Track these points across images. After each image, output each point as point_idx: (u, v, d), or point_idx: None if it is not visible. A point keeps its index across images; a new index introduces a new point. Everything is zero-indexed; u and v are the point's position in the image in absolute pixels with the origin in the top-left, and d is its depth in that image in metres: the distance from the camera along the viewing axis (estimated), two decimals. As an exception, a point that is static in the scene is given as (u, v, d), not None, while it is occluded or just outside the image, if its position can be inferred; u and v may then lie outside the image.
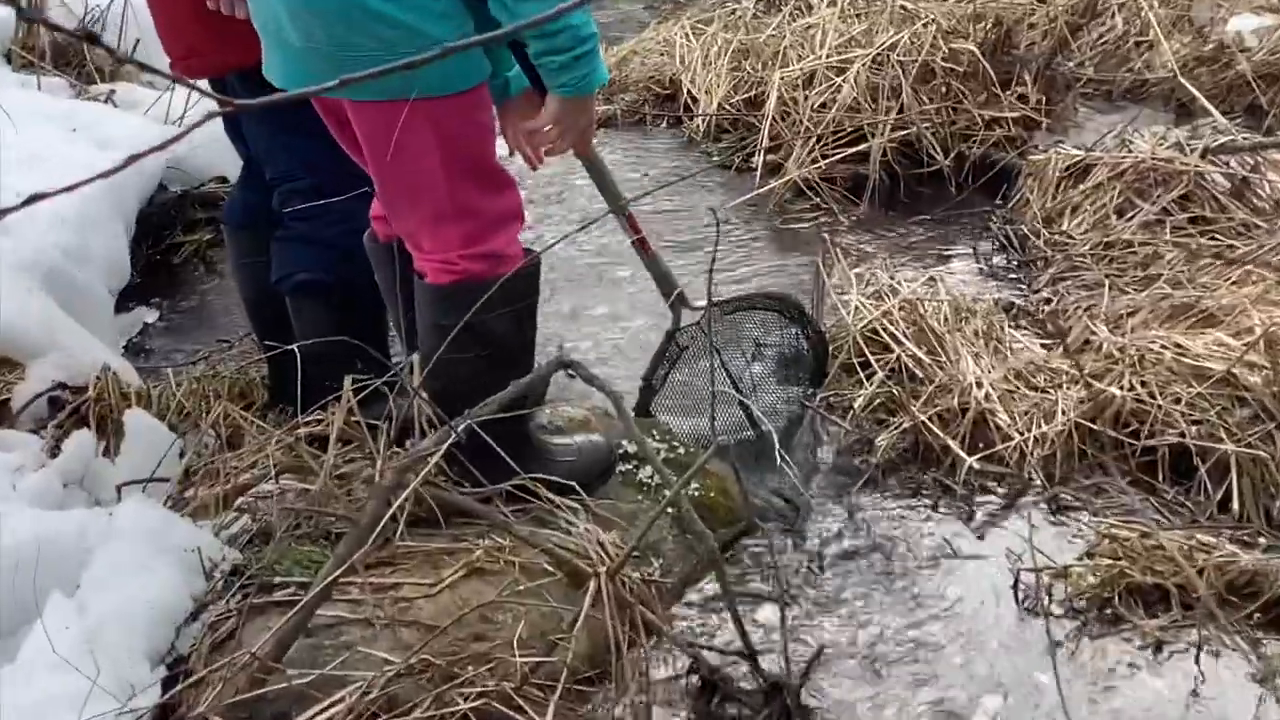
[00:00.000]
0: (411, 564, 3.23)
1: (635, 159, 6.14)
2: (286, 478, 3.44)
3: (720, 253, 3.84)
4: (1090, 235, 4.97)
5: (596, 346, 4.59)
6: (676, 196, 5.62)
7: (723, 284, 4.59)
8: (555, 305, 4.84)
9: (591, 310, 4.86)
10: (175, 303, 5.11)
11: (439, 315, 3.28)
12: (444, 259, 3.25)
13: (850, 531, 3.72)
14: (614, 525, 3.44)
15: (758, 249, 5.30)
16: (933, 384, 4.08)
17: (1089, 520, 3.71)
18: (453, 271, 3.25)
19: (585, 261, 5.16)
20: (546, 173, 5.90)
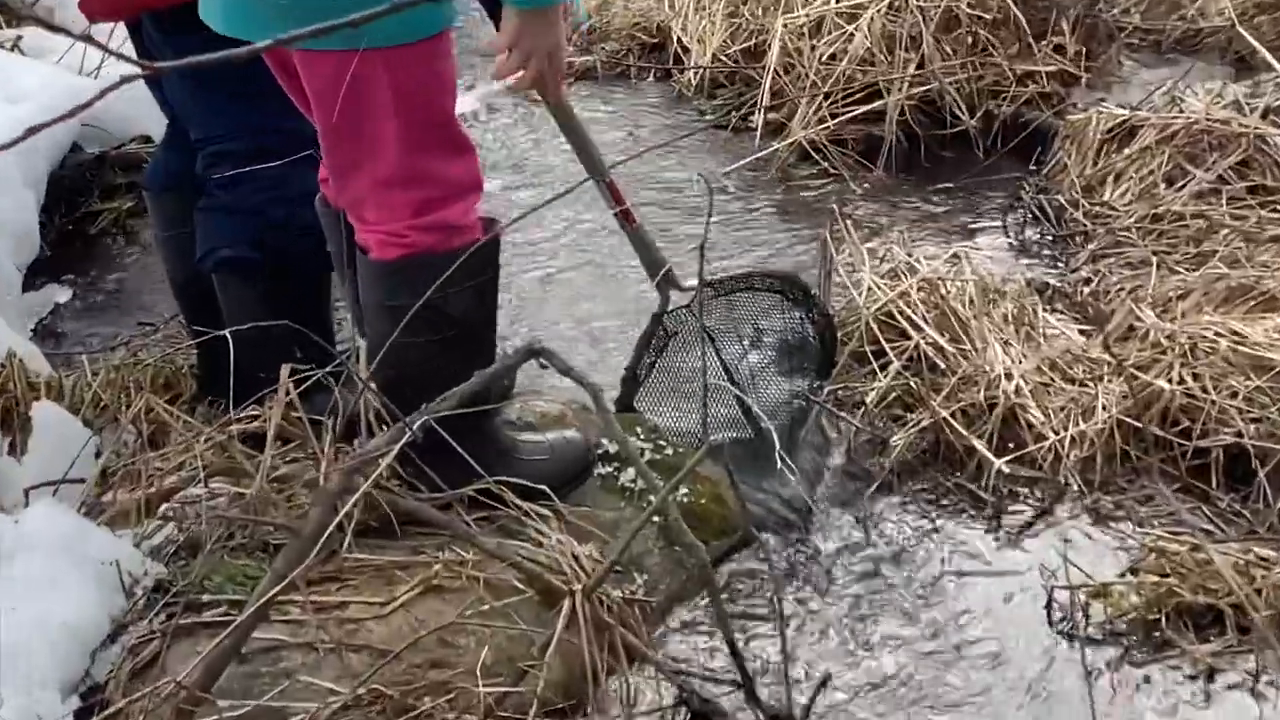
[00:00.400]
0: (360, 580, 3.22)
1: (618, 117, 6.13)
2: (217, 481, 3.43)
3: (714, 225, 3.84)
4: (1135, 206, 4.97)
5: (573, 332, 4.59)
6: (665, 161, 5.61)
7: (716, 261, 4.60)
8: (525, 285, 4.83)
9: (567, 291, 4.85)
10: (91, 280, 5.10)
11: (386, 295, 3.28)
12: (390, 230, 3.24)
13: (861, 544, 3.72)
14: (592, 536, 3.44)
15: (757, 221, 5.29)
16: (956, 375, 4.07)
17: (1132, 531, 3.71)
18: (401, 244, 3.24)
19: (560, 236, 5.15)
20: (515, 133, 5.91)
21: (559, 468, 3.59)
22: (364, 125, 3.13)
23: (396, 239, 3.24)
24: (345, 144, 3.19)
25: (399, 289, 3.22)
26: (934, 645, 3.40)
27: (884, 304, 4.32)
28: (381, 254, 3.26)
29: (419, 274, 3.17)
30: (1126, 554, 3.64)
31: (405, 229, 3.24)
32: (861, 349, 4.27)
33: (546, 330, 4.56)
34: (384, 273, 3.28)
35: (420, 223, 3.24)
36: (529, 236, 5.02)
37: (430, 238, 3.24)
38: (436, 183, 3.24)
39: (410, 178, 3.20)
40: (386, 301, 3.26)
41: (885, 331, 4.27)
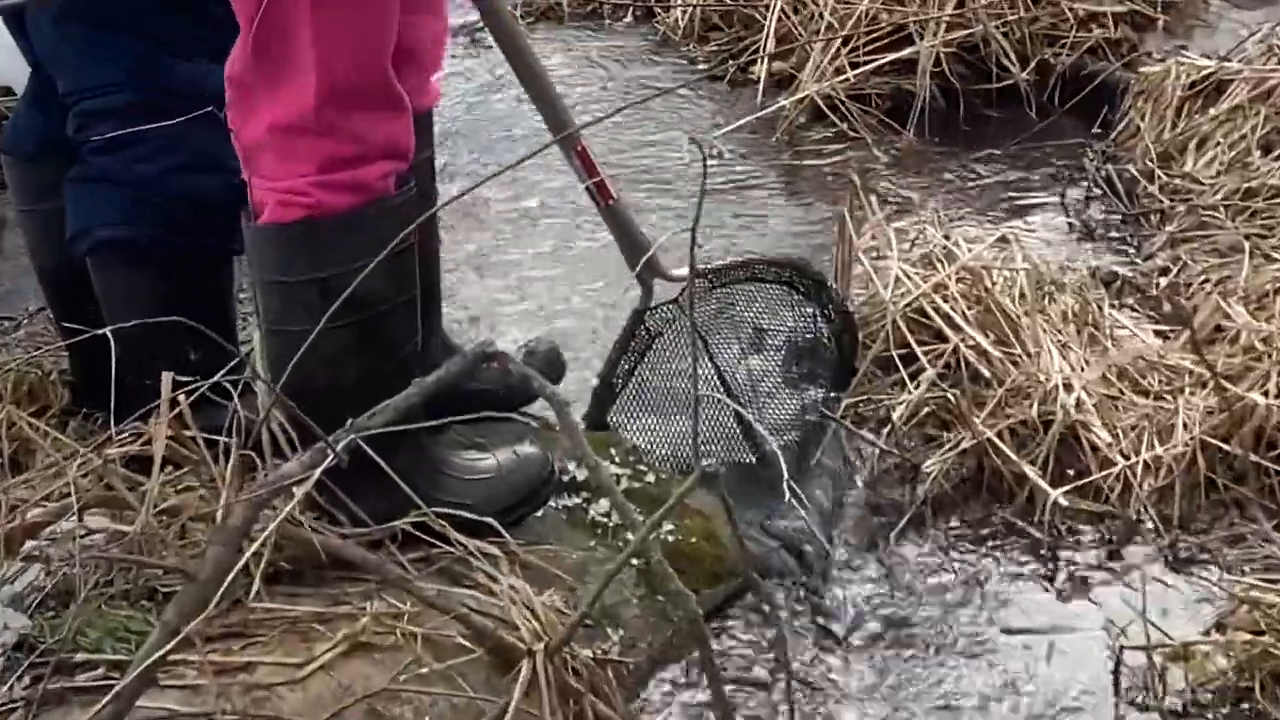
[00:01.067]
0: (270, 636, 3.21)
1: (589, 67, 6.14)
2: (94, 514, 3.42)
3: (708, 200, 3.84)
4: (1224, 180, 4.98)
5: (535, 331, 4.56)
6: (647, 121, 5.61)
7: (710, 245, 4.59)
8: (478, 275, 4.83)
9: (527, 282, 4.85)
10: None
11: (280, 268, 3.29)
12: (291, 187, 3.24)
13: (887, 594, 3.73)
14: (556, 582, 3.44)
15: (760, 195, 5.31)
16: (1003, 387, 4.09)
17: (1220, 579, 3.73)
18: (301, 204, 3.25)
19: (520, 215, 5.15)
20: (465, 87, 5.90)
21: (510, 490, 3.60)
22: (274, 48, 3.15)
23: (297, 198, 3.25)
24: (255, 68, 3.21)
25: (295, 259, 3.25)
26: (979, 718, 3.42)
27: (915, 298, 4.33)
28: (275, 215, 3.27)
29: (322, 240, 3.22)
30: (1212, 607, 3.65)
31: (309, 185, 3.24)
32: (887, 353, 4.28)
33: (501, 329, 4.56)
34: (278, 238, 3.28)
35: (328, 178, 3.24)
36: (479, 214, 5.02)
37: (338, 198, 3.25)
38: (355, 140, 3.25)
39: (322, 128, 3.21)
40: (280, 277, 3.28)
41: (917, 332, 4.29)
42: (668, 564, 3.31)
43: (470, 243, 4.97)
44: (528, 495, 3.63)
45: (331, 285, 3.18)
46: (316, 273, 3.15)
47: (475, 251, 4.95)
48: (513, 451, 3.69)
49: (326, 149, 3.23)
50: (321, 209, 3.24)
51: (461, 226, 4.97)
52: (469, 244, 4.97)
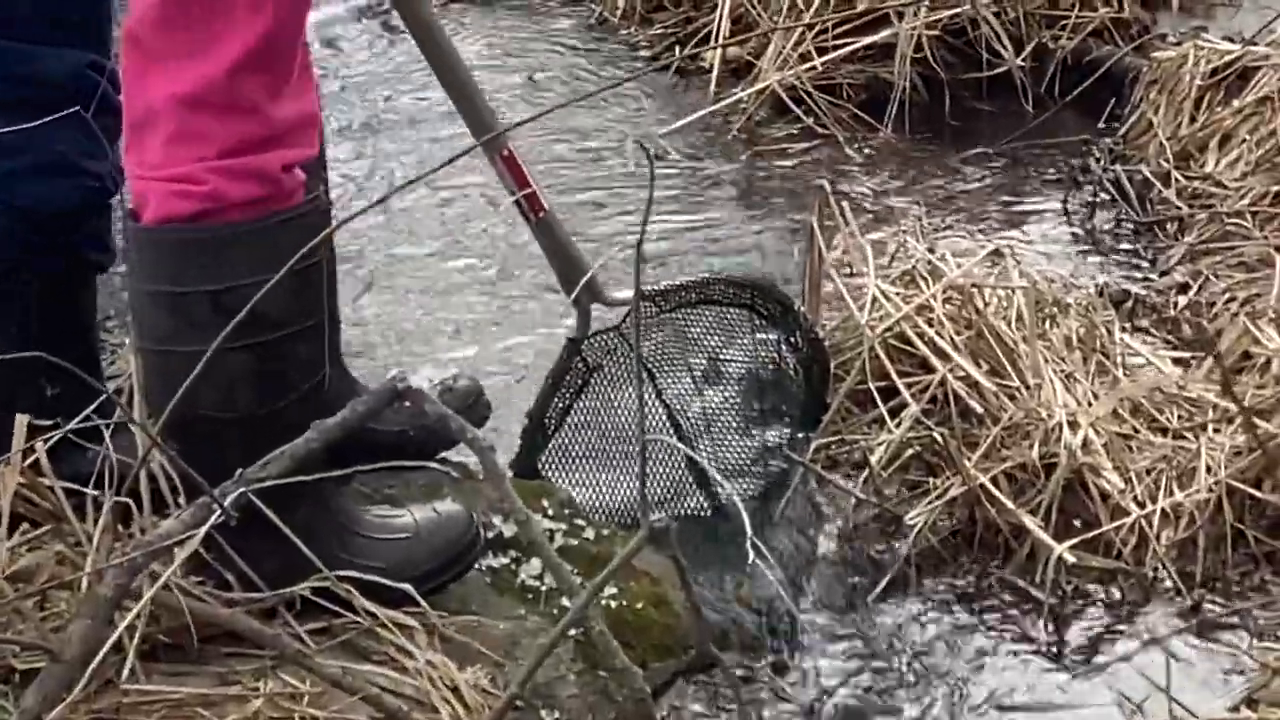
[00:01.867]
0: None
1: (518, 56, 6.15)
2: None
3: (656, 212, 3.86)
4: (1251, 181, 5.02)
5: (455, 366, 4.57)
6: (583, 119, 5.62)
7: (657, 262, 4.60)
8: (387, 296, 4.84)
9: (447, 306, 4.86)
10: None
11: (168, 276, 3.28)
12: (185, 174, 3.23)
13: (864, 667, 3.74)
14: (481, 658, 3.44)
15: (715, 203, 5.32)
16: (999, 425, 4.11)
17: (1249, 646, 3.74)
18: (197, 195, 3.22)
19: (439, 228, 5.15)
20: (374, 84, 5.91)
21: (427, 554, 3.58)
22: (194, 7, 3.16)
23: (191, 186, 3.23)
24: (164, 25, 3.21)
25: (187, 266, 3.24)
26: (971, 813, 3.44)
27: (896, 322, 4.34)
28: (165, 210, 3.26)
29: (220, 246, 3.22)
30: (1242, 678, 3.66)
31: (205, 171, 3.22)
32: (864, 386, 4.29)
33: (415, 363, 4.56)
34: (169, 240, 3.27)
35: (227, 165, 3.22)
36: (393, 225, 5.03)
37: (239, 188, 3.24)
38: (262, 119, 3.25)
39: (231, 102, 3.21)
40: (165, 286, 3.27)
41: (898, 361, 4.30)
42: (611, 635, 3.33)
43: (377, 261, 4.97)
44: (449, 560, 3.58)
45: (225, 301, 3.18)
46: (211, 284, 3.15)
47: (383, 270, 4.94)
48: (432, 509, 3.66)
49: (233, 128, 3.21)
50: (219, 199, 3.22)
51: (370, 241, 4.97)
52: (375, 261, 4.97)
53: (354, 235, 4.80)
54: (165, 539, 3.07)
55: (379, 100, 5.85)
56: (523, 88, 5.86)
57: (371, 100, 5.83)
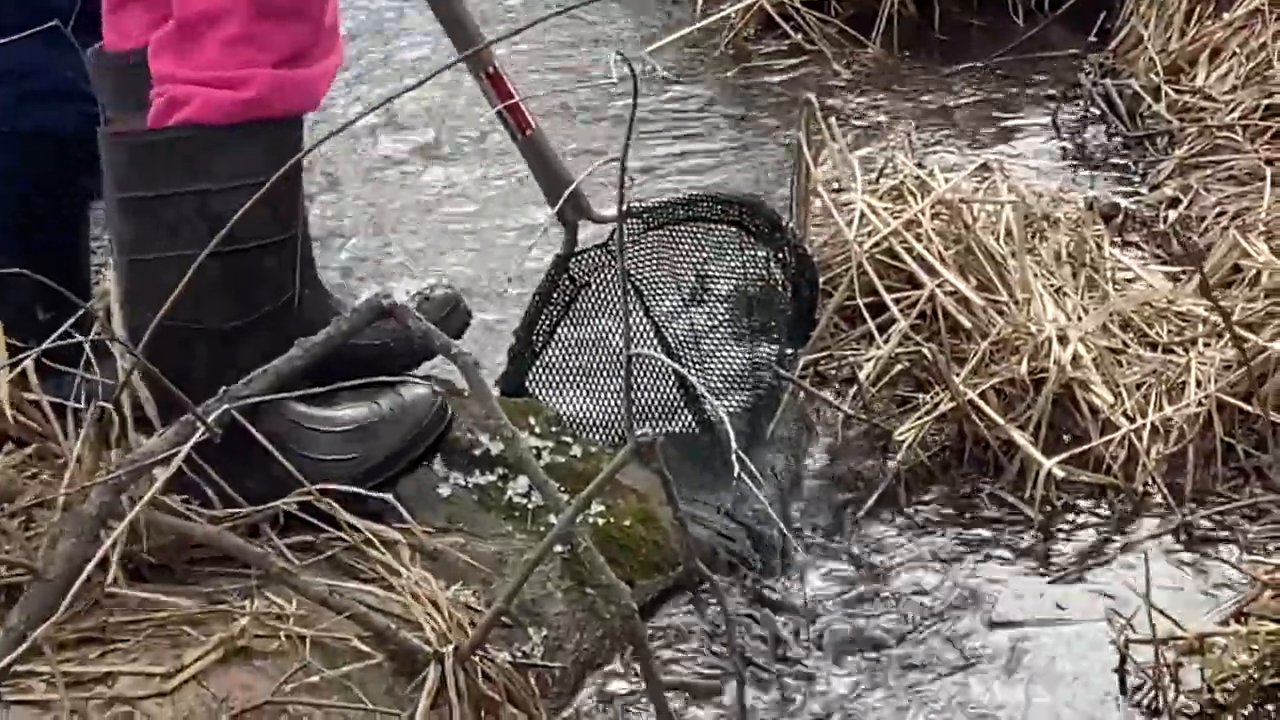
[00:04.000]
0: (134, 641, 3.20)
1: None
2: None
3: (642, 128, 3.83)
4: (1241, 96, 5.01)
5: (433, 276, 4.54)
6: (566, 33, 5.59)
7: (645, 180, 4.58)
8: (374, 215, 4.82)
9: (433, 225, 4.84)
10: None
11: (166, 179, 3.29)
12: (238, 79, 3.24)
13: (854, 584, 3.74)
14: (468, 574, 3.44)
15: (701, 119, 5.31)
16: (988, 340, 4.10)
17: (1239, 559, 3.74)
18: (240, 100, 3.25)
19: (420, 141, 5.13)
20: None
21: (397, 437, 3.58)
22: None
23: (239, 93, 3.25)
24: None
25: (181, 167, 3.26)
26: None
27: (884, 237, 4.33)
28: (205, 112, 3.25)
29: (236, 148, 3.25)
30: (1231, 592, 3.66)
31: (260, 77, 3.25)
32: (853, 302, 4.28)
33: (401, 281, 4.53)
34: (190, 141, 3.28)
35: (281, 75, 3.26)
36: (380, 145, 5.01)
37: (281, 100, 3.28)
38: (315, 26, 3.30)
39: (296, 7, 3.26)
40: (148, 191, 3.29)
41: (886, 277, 4.30)
42: (598, 552, 3.31)
43: (360, 179, 4.95)
44: (417, 436, 3.58)
45: (212, 205, 3.19)
46: (201, 186, 3.21)
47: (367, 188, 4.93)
48: (396, 393, 3.65)
49: (293, 33, 3.26)
50: (264, 108, 3.26)
51: (350, 161, 4.95)
52: (359, 180, 4.95)
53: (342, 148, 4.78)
54: (149, 457, 3.06)
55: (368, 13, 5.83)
56: (509, 5, 5.84)
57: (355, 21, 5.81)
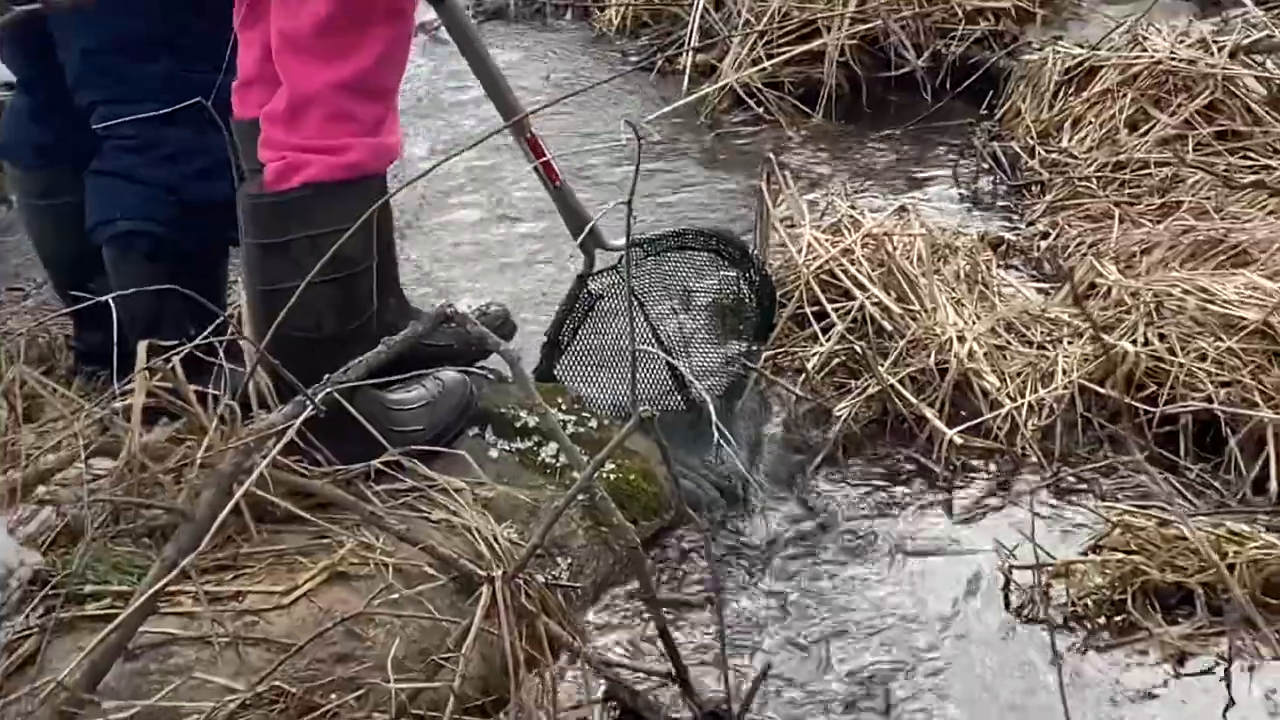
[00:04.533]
0: (258, 568, 3.20)
1: (534, 60, 6.12)
2: (100, 460, 3.39)
3: (642, 178, 3.83)
4: (1096, 154, 5.01)
5: (488, 295, 4.54)
6: (586, 108, 5.59)
7: (645, 217, 4.58)
8: (435, 243, 4.81)
9: (483, 251, 4.83)
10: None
11: (324, 221, 3.31)
12: (339, 146, 3.29)
13: (804, 523, 3.74)
14: (511, 516, 3.44)
15: (687, 172, 5.30)
16: (904, 339, 4.11)
17: (1096, 505, 3.74)
18: (342, 164, 3.29)
19: (475, 190, 5.12)
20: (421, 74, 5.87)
21: (447, 411, 3.68)
22: (348, 15, 3.22)
23: (339, 158, 3.29)
24: (324, 31, 3.24)
25: (302, 217, 3.31)
26: (884, 633, 3.42)
27: (825, 261, 4.33)
28: (323, 173, 3.29)
29: (336, 203, 3.28)
30: (1089, 530, 3.66)
31: (354, 142, 3.30)
32: (802, 310, 4.28)
33: (458, 294, 4.53)
34: (303, 199, 3.32)
35: (372, 142, 3.31)
36: (439, 187, 5.01)
37: (374, 161, 3.34)
38: (389, 101, 3.36)
39: (374, 88, 3.30)
40: (280, 238, 3.34)
41: (827, 291, 4.29)
42: (610, 500, 3.33)
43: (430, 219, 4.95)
44: (460, 410, 3.69)
45: (320, 245, 3.21)
46: (308, 229, 3.29)
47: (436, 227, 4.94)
48: (437, 379, 3.73)
49: (374, 109, 3.31)
50: (361, 169, 3.31)
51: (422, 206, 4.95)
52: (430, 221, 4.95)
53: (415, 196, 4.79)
54: (269, 428, 3.07)
55: (430, 91, 5.82)
56: (539, 85, 5.83)
57: (425, 91, 5.80)
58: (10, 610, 3.10)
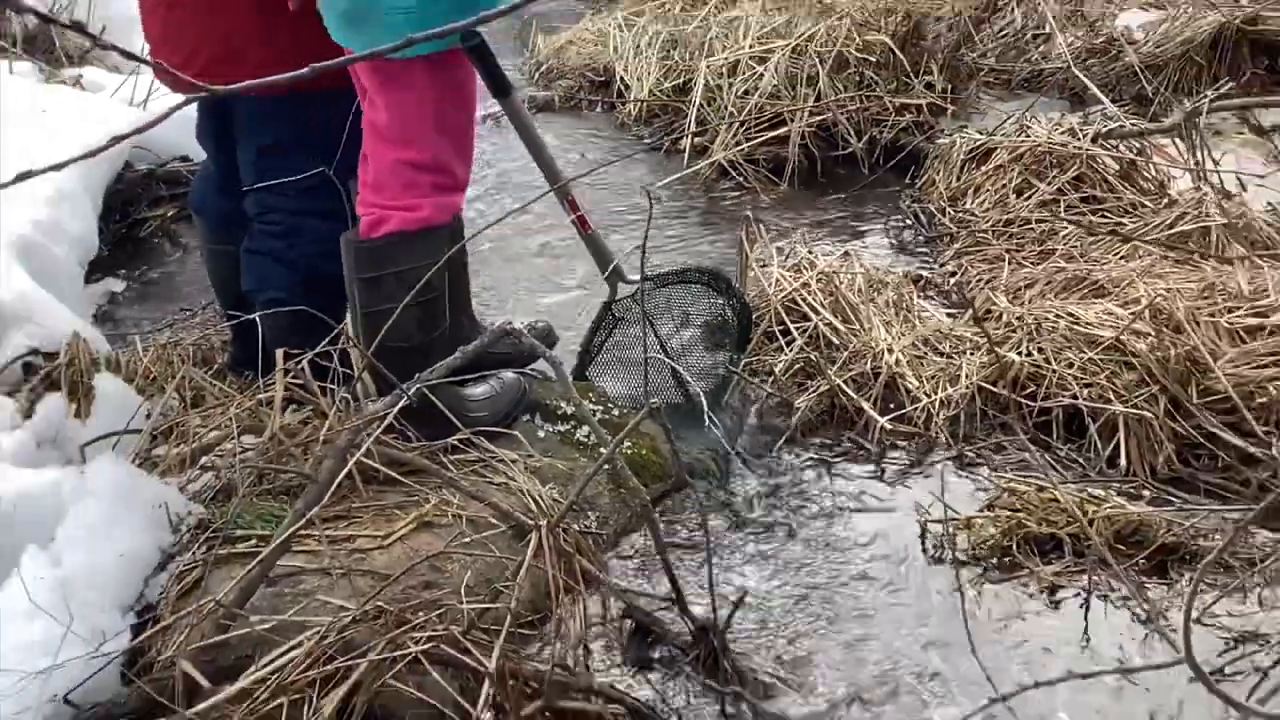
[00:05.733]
0: (365, 518, 3.21)
1: (572, 142, 6.11)
2: (247, 437, 3.41)
3: (652, 229, 3.84)
4: (991, 213, 5.00)
5: (539, 315, 4.54)
6: (611, 176, 5.59)
7: (655, 258, 4.59)
8: (500, 276, 4.82)
9: (535, 283, 4.84)
10: (140, 274, 5.05)
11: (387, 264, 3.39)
12: (412, 204, 3.34)
13: (772, 487, 3.74)
14: (553, 480, 3.45)
15: (686, 225, 5.29)
16: (847, 350, 4.10)
17: (990, 475, 3.74)
18: (416, 219, 3.35)
19: (528, 237, 5.13)
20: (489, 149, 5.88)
21: (506, 403, 3.69)
22: (404, 120, 3.29)
23: (407, 210, 3.35)
24: (398, 127, 3.31)
25: (389, 258, 3.36)
26: (831, 568, 3.42)
27: (789, 292, 4.32)
28: (400, 225, 3.35)
29: (413, 247, 3.34)
30: (985, 494, 3.66)
31: (423, 202, 3.35)
32: (771, 329, 4.27)
33: (517, 313, 4.53)
34: (388, 244, 3.36)
35: (435, 200, 3.37)
36: (501, 235, 5.01)
37: (440, 215, 3.38)
38: (451, 175, 3.40)
39: (439, 167, 3.35)
40: (385, 271, 3.37)
41: (790, 314, 4.28)
42: (627, 468, 3.34)
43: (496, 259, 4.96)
44: (516, 402, 3.71)
45: (407, 277, 3.25)
46: (402, 266, 3.34)
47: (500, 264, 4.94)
48: (498, 377, 3.74)
49: (439, 181, 3.38)
50: (429, 222, 3.36)
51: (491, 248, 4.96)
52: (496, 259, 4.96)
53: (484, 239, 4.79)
54: (374, 415, 3.08)
55: (494, 164, 5.82)
56: (576, 159, 5.83)
57: (489, 164, 5.80)
58: (181, 548, 3.12)
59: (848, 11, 5.90)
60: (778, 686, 3.05)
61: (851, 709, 3.00)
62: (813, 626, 3.22)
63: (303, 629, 2.79)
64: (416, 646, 2.77)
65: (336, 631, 2.75)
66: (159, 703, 2.68)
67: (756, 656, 3.12)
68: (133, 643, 2.85)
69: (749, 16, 6.15)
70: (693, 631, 3.10)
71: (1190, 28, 6.00)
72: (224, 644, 2.80)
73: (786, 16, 6.09)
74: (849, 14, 5.89)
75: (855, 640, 3.18)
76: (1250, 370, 3.80)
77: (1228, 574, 3.32)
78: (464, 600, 2.90)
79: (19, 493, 3.07)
